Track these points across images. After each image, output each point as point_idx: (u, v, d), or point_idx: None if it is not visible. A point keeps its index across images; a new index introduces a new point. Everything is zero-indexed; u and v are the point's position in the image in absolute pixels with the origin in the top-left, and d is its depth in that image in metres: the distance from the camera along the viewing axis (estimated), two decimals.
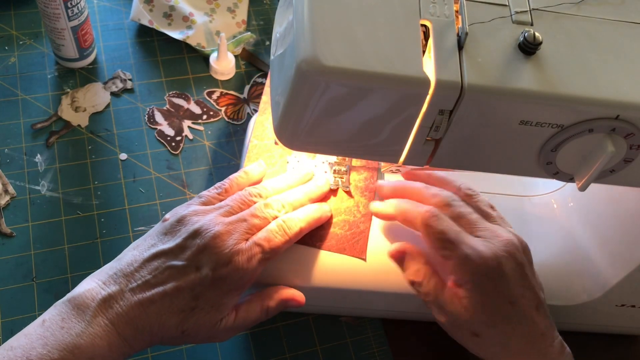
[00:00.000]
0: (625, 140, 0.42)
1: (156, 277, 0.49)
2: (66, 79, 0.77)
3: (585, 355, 0.66)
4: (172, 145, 0.74)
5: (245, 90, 0.81)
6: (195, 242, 0.49)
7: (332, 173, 0.62)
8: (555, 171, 0.45)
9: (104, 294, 0.47)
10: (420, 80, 0.39)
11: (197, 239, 0.50)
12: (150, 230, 0.53)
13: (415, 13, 0.41)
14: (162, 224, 0.52)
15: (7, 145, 0.71)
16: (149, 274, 0.49)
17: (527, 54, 0.41)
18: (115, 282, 0.48)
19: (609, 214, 0.60)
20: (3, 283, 0.62)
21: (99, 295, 0.47)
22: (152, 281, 0.48)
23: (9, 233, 0.65)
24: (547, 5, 0.43)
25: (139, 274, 0.49)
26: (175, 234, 0.51)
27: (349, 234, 0.59)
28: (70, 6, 0.71)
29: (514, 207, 0.65)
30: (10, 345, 0.45)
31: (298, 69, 0.39)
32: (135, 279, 0.48)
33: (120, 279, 0.49)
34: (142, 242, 0.52)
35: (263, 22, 0.88)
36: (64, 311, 0.47)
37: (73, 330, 0.45)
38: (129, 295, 0.48)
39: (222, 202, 0.55)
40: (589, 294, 0.60)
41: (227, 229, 0.50)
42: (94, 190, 0.69)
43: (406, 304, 0.61)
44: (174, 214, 0.53)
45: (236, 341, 0.62)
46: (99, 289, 0.48)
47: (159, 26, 0.81)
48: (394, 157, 0.45)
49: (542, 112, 0.40)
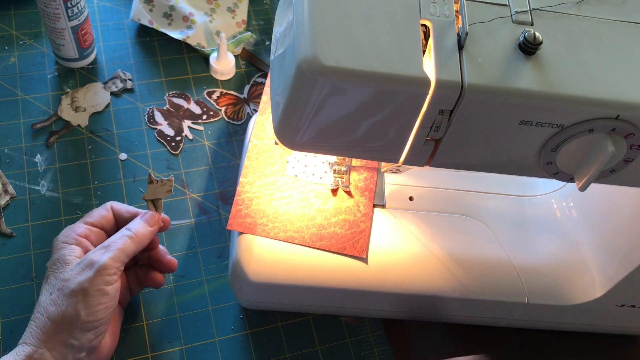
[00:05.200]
0: (625, 140, 0.42)
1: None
2: (66, 79, 0.77)
3: (585, 355, 0.66)
4: (172, 145, 0.74)
5: (245, 90, 0.81)
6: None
7: (332, 173, 0.62)
8: (555, 171, 0.45)
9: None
10: (420, 80, 0.39)
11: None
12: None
13: (415, 13, 0.41)
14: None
15: (7, 145, 0.71)
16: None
17: (527, 54, 0.41)
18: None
19: (608, 214, 0.60)
20: (3, 283, 0.62)
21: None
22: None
23: (9, 233, 0.65)
24: (547, 5, 0.43)
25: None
26: None
27: (349, 233, 0.59)
28: (70, 6, 0.71)
29: (514, 207, 0.65)
30: None
31: (298, 69, 0.39)
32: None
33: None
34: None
35: (263, 22, 0.88)
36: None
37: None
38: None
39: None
40: (589, 294, 0.60)
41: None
42: (94, 190, 0.69)
43: (406, 304, 0.61)
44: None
45: (236, 341, 0.62)
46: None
47: (159, 26, 0.81)
48: (394, 157, 0.45)
49: (542, 112, 0.40)
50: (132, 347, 0.60)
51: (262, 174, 0.62)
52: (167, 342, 0.61)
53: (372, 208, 0.62)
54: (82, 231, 0.56)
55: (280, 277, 0.57)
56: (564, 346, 0.66)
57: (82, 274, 0.51)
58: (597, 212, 0.62)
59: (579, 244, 0.62)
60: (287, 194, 0.61)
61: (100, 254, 0.52)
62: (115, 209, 0.59)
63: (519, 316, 0.62)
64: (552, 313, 0.62)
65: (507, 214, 0.65)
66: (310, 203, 0.61)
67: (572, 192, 0.65)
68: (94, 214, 0.58)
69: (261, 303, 0.61)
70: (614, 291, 0.59)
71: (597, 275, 0.60)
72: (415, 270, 0.59)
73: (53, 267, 0.53)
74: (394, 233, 0.61)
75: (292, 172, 0.62)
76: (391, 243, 0.60)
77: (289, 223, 0.59)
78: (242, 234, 0.58)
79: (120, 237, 0.54)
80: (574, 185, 0.46)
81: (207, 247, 0.67)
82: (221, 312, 0.64)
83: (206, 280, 0.65)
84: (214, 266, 0.66)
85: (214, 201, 0.70)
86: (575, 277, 0.61)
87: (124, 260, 0.53)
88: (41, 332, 0.50)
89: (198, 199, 0.70)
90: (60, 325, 0.50)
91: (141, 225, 0.56)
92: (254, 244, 0.58)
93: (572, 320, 0.63)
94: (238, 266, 0.57)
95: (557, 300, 0.60)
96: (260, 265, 0.57)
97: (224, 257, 0.67)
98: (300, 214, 0.60)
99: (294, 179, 0.62)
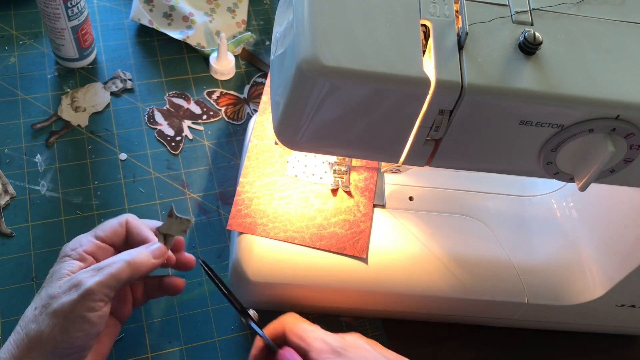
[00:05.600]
0: (625, 140, 0.42)
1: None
2: (66, 79, 0.77)
3: (585, 355, 0.66)
4: (172, 145, 0.74)
5: (245, 90, 0.81)
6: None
7: (332, 173, 0.62)
8: (555, 171, 0.45)
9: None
10: (420, 80, 0.39)
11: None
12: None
13: (415, 13, 0.41)
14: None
15: (7, 145, 0.71)
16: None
17: (527, 54, 0.41)
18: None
19: (608, 214, 0.60)
20: (3, 283, 0.62)
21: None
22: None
23: (9, 233, 0.65)
24: (547, 5, 0.43)
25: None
26: None
27: (349, 233, 0.59)
28: (70, 6, 0.71)
29: (514, 207, 0.65)
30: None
31: (298, 69, 0.39)
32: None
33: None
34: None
35: (263, 22, 0.88)
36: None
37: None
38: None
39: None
40: (589, 294, 0.60)
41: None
42: (93, 190, 0.69)
43: (406, 304, 0.61)
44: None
45: (236, 341, 0.62)
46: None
47: (159, 26, 0.81)
48: (394, 157, 0.45)
49: (542, 112, 0.40)
50: (132, 347, 0.60)
51: (262, 174, 0.62)
52: (167, 342, 0.61)
53: (372, 208, 0.62)
54: (90, 247, 0.52)
55: (280, 277, 0.57)
56: (564, 346, 0.66)
57: (67, 294, 0.47)
58: (597, 212, 0.62)
59: (579, 244, 0.62)
60: (287, 194, 0.61)
61: (90, 275, 0.48)
62: (131, 226, 0.54)
63: (519, 316, 0.62)
64: (552, 313, 0.62)
65: (507, 214, 0.65)
66: (310, 203, 0.61)
67: (572, 192, 0.65)
68: (106, 227, 0.54)
69: (261, 303, 0.61)
70: (614, 291, 0.59)
71: (597, 275, 0.60)
72: (415, 270, 0.59)
73: (48, 278, 0.50)
74: (394, 233, 0.61)
75: (292, 172, 0.62)
76: (391, 243, 0.60)
77: (289, 223, 0.59)
78: (242, 234, 0.58)
79: (117, 261, 0.49)
80: (574, 185, 0.46)
81: (207, 247, 0.67)
82: (221, 312, 0.64)
83: (206, 281, 0.65)
84: (214, 266, 0.66)
85: (214, 201, 0.70)
86: (575, 277, 0.61)
87: (115, 286, 0.48)
88: (17, 348, 0.47)
89: (198, 199, 0.70)
90: (35, 346, 0.46)
91: (145, 255, 0.51)
92: (254, 244, 0.58)
93: (572, 320, 0.63)
94: (238, 266, 0.57)
95: (557, 300, 0.60)
96: (260, 265, 0.57)
97: (224, 257, 0.67)
98: (300, 214, 0.60)
99: (294, 179, 0.62)
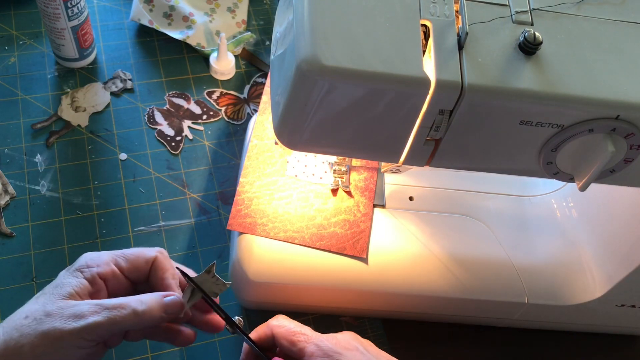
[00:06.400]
0: (625, 140, 0.42)
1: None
2: (66, 79, 0.77)
3: (585, 355, 0.66)
4: (172, 145, 0.74)
5: (245, 90, 0.81)
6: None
7: (332, 173, 0.62)
8: (555, 171, 0.45)
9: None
10: (420, 80, 0.39)
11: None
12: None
13: (415, 13, 0.41)
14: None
15: (7, 145, 0.71)
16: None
17: (527, 54, 0.41)
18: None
19: (608, 214, 0.60)
20: (3, 283, 0.62)
21: None
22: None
23: (9, 233, 0.65)
24: (547, 5, 0.43)
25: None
26: None
27: (349, 233, 0.59)
28: (70, 6, 0.71)
29: (514, 207, 0.65)
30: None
31: (298, 69, 0.39)
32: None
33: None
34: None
35: (263, 22, 0.88)
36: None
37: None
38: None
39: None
40: (589, 294, 0.60)
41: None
42: (93, 190, 0.69)
43: (406, 304, 0.61)
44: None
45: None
46: None
47: (159, 26, 0.81)
48: (394, 157, 0.45)
49: (542, 112, 0.40)
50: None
51: (262, 174, 0.62)
52: None
53: (372, 208, 0.62)
54: (106, 271, 0.47)
55: (280, 277, 0.57)
56: (564, 346, 0.66)
57: (63, 321, 0.43)
58: (597, 212, 0.62)
59: (579, 244, 0.62)
60: (287, 194, 0.61)
61: (93, 311, 0.44)
62: (156, 267, 0.49)
63: (519, 316, 0.62)
64: (552, 313, 0.62)
65: (507, 214, 0.65)
66: (310, 203, 0.61)
67: (572, 192, 0.65)
68: (131, 258, 0.49)
69: (261, 303, 0.61)
70: (614, 291, 0.59)
71: (597, 275, 0.60)
72: (415, 270, 0.59)
73: (53, 286, 0.46)
74: (394, 233, 0.61)
75: (292, 172, 0.62)
76: (391, 243, 0.60)
77: (289, 223, 0.59)
78: (242, 234, 0.58)
79: (125, 307, 0.45)
80: (574, 185, 0.46)
81: (207, 247, 0.67)
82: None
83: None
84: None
85: (214, 201, 0.70)
86: (575, 277, 0.61)
87: (114, 332, 0.45)
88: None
89: (198, 199, 0.70)
90: (9, 356, 0.42)
91: (156, 308, 0.46)
92: (254, 244, 0.58)
93: (572, 320, 0.63)
94: (238, 266, 0.57)
95: (557, 300, 0.60)
96: (260, 265, 0.57)
97: (224, 257, 0.67)
98: (300, 214, 0.60)
99: (294, 179, 0.62)
